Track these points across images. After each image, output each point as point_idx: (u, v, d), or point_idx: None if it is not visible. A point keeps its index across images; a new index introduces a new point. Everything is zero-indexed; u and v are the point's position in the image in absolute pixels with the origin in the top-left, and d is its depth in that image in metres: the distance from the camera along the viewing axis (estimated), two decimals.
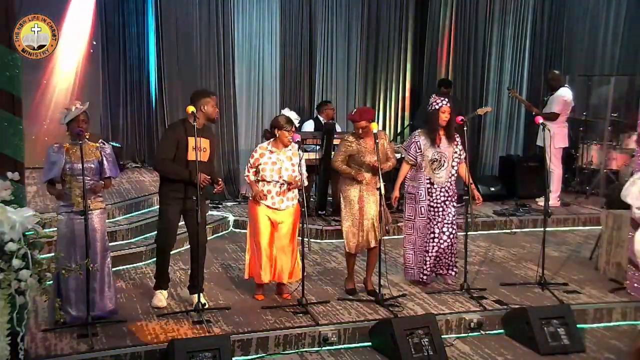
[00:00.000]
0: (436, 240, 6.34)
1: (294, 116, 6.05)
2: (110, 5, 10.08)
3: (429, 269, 6.40)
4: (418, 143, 6.34)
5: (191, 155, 5.66)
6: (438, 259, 6.43)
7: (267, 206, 5.98)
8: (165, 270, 5.94)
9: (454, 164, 6.38)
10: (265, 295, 6.11)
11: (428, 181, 6.33)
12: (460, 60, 10.72)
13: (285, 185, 5.98)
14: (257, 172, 6.03)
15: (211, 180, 5.73)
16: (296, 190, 6.08)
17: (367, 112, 6.18)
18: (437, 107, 6.27)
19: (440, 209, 6.35)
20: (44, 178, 5.37)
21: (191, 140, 5.65)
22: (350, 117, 6.28)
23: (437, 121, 6.27)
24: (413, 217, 6.42)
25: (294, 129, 6.06)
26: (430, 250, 6.36)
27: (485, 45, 10.73)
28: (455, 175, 6.41)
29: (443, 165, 6.32)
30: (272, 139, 6.08)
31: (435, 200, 6.33)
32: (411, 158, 6.38)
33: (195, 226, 5.69)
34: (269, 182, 5.97)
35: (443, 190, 6.35)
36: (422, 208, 6.36)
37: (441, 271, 6.52)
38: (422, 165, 6.32)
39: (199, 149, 5.64)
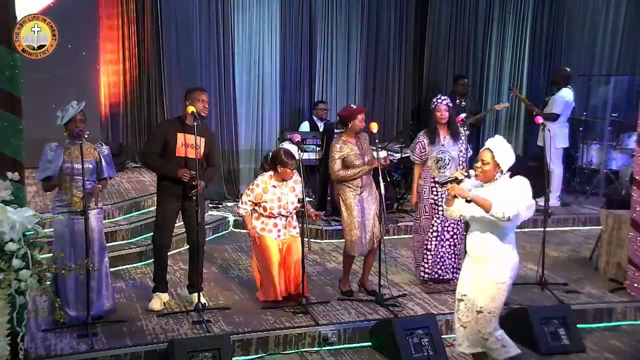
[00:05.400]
0: (438, 238, 6.34)
1: (294, 150, 6.02)
2: (110, 5, 10.07)
3: (432, 266, 6.38)
4: (422, 143, 6.36)
5: (180, 152, 5.63)
6: (442, 259, 6.41)
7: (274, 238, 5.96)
8: (162, 272, 5.89)
9: (461, 162, 6.37)
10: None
11: (432, 180, 6.34)
12: (460, 60, 10.71)
13: (289, 216, 5.97)
14: (254, 205, 5.94)
15: (193, 175, 5.51)
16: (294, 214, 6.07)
17: (359, 107, 6.37)
18: (432, 106, 6.40)
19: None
20: (39, 176, 5.33)
21: (180, 137, 5.62)
22: (344, 113, 6.14)
23: (434, 120, 6.38)
24: (419, 217, 6.43)
25: (295, 165, 5.91)
26: (431, 249, 6.35)
27: (485, 45, 10.73)
28: None
29: (448, 164, 6.31)
30: (272, 172, 5.98)
31: (439, 198, 6.32)
32: (416, 158, 6.40)
33: (195, 226, 5.67)
34: (276, 216, 5.95)
35: None
36: (426, 207, 6.36)
37: (446, 275, 6.45)
38: (429, 165, 6.35)
39: (188, 145, 5.62)
